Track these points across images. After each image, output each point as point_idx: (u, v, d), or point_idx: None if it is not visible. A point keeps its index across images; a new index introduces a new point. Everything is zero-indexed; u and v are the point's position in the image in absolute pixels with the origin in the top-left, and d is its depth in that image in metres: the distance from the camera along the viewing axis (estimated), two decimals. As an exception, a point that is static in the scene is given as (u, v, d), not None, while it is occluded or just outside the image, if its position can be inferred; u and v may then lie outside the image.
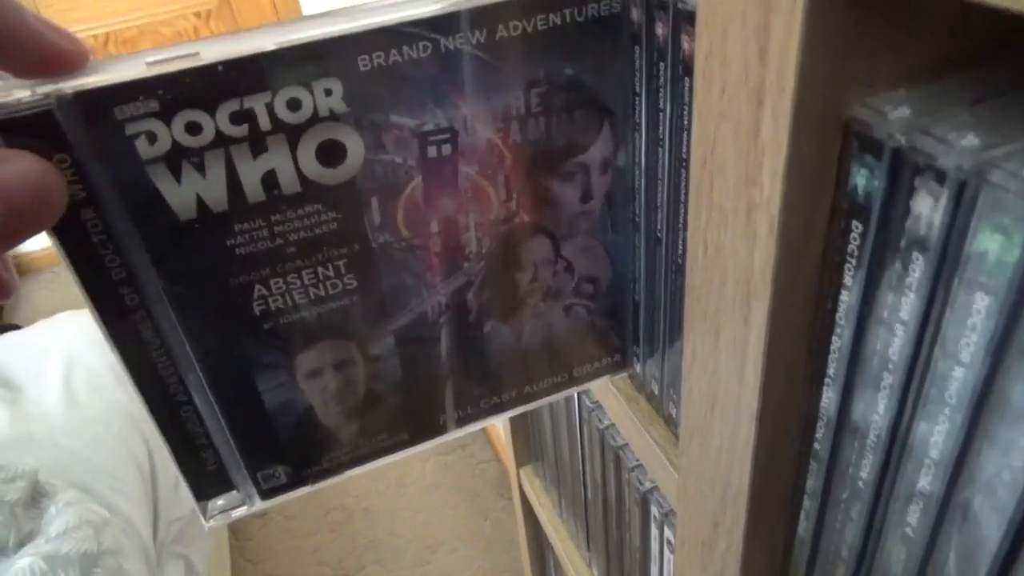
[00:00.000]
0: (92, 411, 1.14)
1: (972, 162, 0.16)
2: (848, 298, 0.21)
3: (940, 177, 0.17)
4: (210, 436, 0.29)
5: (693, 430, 0.30)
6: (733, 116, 0.21)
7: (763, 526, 0.28)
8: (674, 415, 0.37)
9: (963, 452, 0.19)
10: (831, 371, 0.23)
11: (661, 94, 0.28)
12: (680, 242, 0.31)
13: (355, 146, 0.25)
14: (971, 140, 0.17)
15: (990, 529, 0.19)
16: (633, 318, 0.36)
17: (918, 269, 0.19)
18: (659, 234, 0.32)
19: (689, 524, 0.33)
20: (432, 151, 0.27)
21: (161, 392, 0.27)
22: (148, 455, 1.14)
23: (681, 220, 0.30)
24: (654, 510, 0.43)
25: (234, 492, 0.31)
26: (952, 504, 0.20)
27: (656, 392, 0.38)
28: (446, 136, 0.27)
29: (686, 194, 0.29)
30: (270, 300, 0.27)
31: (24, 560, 0.83)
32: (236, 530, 1.47)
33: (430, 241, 0.29)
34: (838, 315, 0.22)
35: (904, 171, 0.18)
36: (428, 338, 0.31)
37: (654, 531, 0.44)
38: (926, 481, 0.20)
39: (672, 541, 0.42)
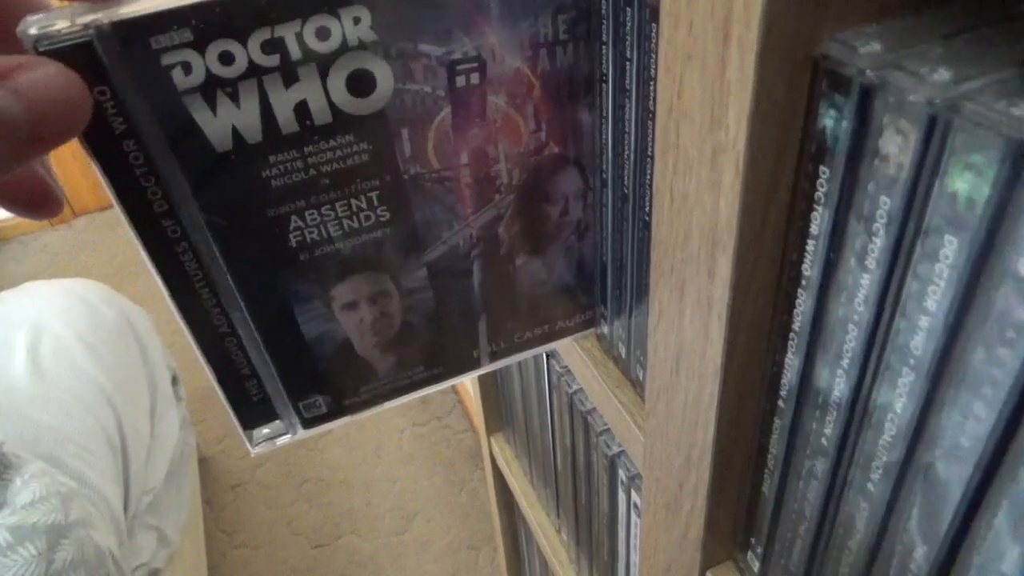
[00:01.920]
0: (59, 382, 1.11)
1: (943, 96, 0.15)
2: (815, 247, 0.20)
3: (910, 113, 0.16)
4: (253, 366, 0.30)
5: (659, 390, 0.29)
6: (699, 55, 0.20)
7: (727, 486, 0.28)
8: (641, 378, 0.36)
9: (933, 388, 0.18)
10: (796, 325, 0.22)
11: (628, 42, 0.27)
12: (647, 198, 0.30)
13: (384, 76, 0.25)
14: (943, 74, 0.16)
15: (952, 485, 0.18)
16: (601, 278, 0.36)
17: (886, 215, 0.18)
18: (626, 190, 0.31)
19: (655, 486, 0.33)
20: (460, 80, 0.27)
21: (206, 323, 0.28)
22: (118, 426, 1.12)
23: (648, 176, 0.29)
24: (621, 474, 0.43)
25: (278, 421, 0.32)
26: (917, 454, 0.19)
27: (623, 355, 0.37)
28: (474, 65, 0.27)
29: (653, 148, 0.28)
30: (306, 232, 0.28)
31: (-12, 531, 0.81)
32: (210, 501, 1.46)
33: (460, 173, 0.29)
34: (804, 266, 0.21)
35: (873, 109, 0.17)
36: (460, 271, 0.32)
37: (621, 495, 0.44)
38: (889, 435, 0.20)
39: (639, 505, 0.42)
